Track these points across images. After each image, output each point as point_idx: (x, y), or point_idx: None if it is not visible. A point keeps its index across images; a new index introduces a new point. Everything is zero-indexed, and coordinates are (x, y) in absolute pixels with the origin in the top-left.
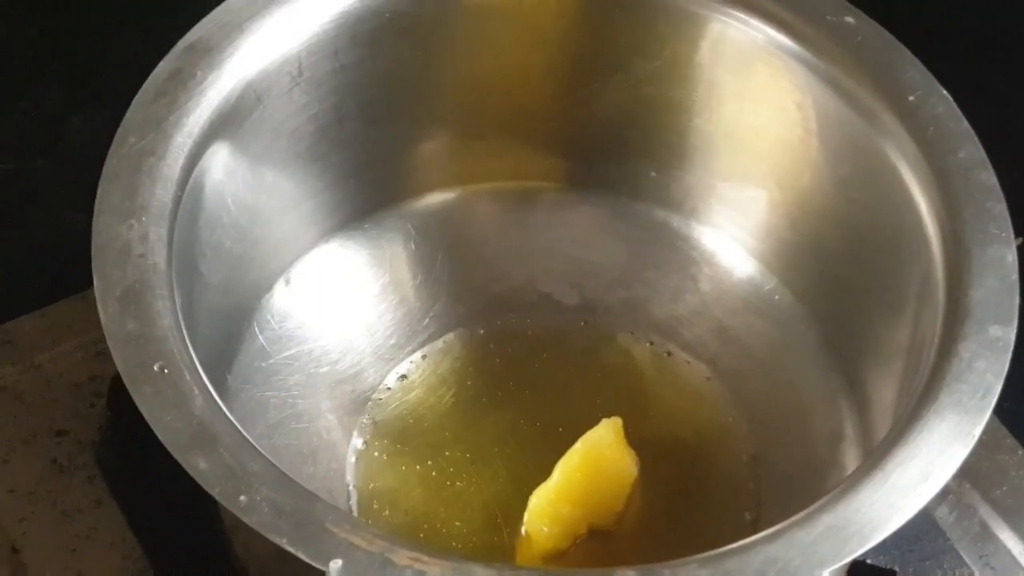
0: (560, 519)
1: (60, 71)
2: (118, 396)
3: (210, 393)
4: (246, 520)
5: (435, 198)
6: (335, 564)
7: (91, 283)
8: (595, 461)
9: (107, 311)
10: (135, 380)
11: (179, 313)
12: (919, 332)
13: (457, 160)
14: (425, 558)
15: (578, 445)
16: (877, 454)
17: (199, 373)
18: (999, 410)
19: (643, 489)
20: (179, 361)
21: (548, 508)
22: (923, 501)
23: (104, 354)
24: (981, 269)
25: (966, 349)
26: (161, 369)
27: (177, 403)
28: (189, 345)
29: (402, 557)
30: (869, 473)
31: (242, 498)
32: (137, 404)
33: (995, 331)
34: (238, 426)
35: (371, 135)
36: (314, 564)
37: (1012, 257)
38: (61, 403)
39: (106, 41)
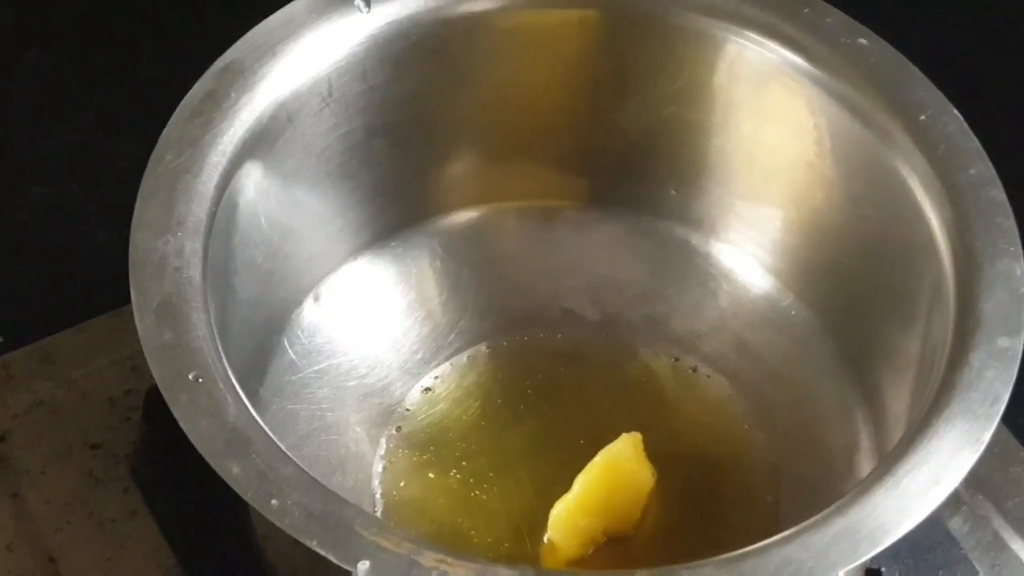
0: (579, 530)
1: (94, 97)
2: (152, 409)
3: (243, 401)
4: (277, 523)
5: (460, 216)
6: (363, 565)
7: (125, 301)
8: (614, 474)
9: (144, 322)
10: (171, 389)
11: (213, 325)
12: (930, 344)
13: (482, 179)
14: (450, 560)
15: (598, 459)
16: (889, 460)
17: (232, 382)
18: (1013, 426)
19: (664, 499)
20: (213, 371)
21: (568, 520)
22: (933, 505)
23: (138, 369)
24: (991, 282)
25: (976, 359)
26: (196, 378)
27: (211, 411)
28: (223, 355)
29: (428, 559)
30: (881, 478)
31: (274, 502)
32: (173, 412)
33: (1004, 342)
34: (270, 433)
35: (398, 155)
36: (343, 565)
37: (1021, 270)
38: (96, 417)
39: (139, 68)
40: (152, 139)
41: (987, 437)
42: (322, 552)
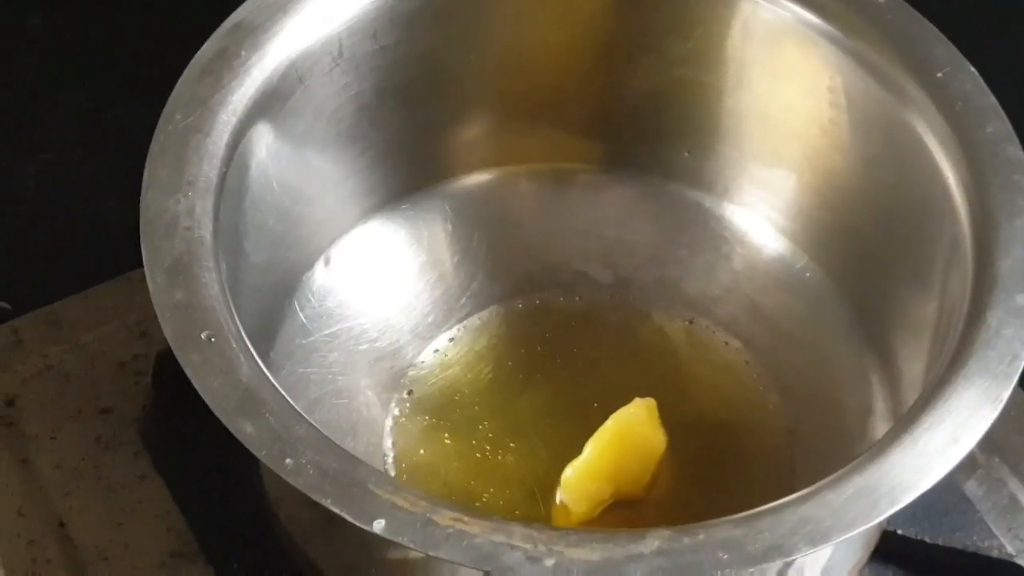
0: (589, 494)
1: (98, 63)
2: (161, 373)
3: (256, 361)
4: (292, 482)
5: (472, 179)
6: (378, 524)
7: (132, 266)
8: (624, 438)
9: (155, 281)
10: (183, 348)
11: (224, 285)
12: (947, 304)
13: (493, 142)
14: (466, 518)
15: (609, 423)
16: (907, 419)
17: (245, 342)
18: None
19: (679, 462)
20: (225, 330)
21: (578, 484)
22: (952, 464)
23: (147, 333)
24: (1008, 240)
25: (993, 317)
26: (208, 338)
27: (224, 370)
28: (235, 314)
29: (444, 517)
30: (899, 437)
31: (288, 461)
32: (185, 371)
33: (1022, 299)
34: (283, 393)
35: (409, 116)
36: (358, 524)
37: None
38: (106, 381)
39: (143, 34)
40: (158, 104)
41: (1006, 395)
42: (337, 511)
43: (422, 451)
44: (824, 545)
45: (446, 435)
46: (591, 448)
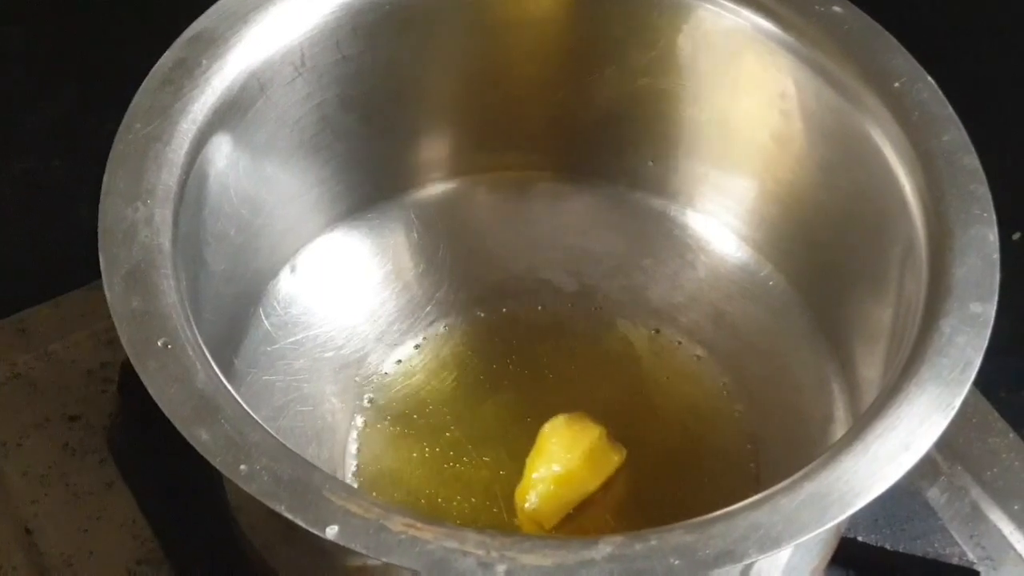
0: (545, 496)
1: (76, 74)
2: (128, 382)
3: (212, 368)
4: (246, 488)
5: (436, 188)
6: (331, 530)
7: (101, 275)
8: (551, 453)
9: (113, 289)
10: (140, 355)
11: (183, 293)
12: (903, 311)
13: (458, 151)
14: (419, 524)
15: (546, 428)
16: (859, 425)
17: (202, 349)
18: (995, 399)
19: (643, 470)
20: (182, 337)
21: (531, 488)
22: (903, 470)
23: (115, 342)
24: (963, 248)
25: (947, 325)
26: (165, 345)
27: (180, 377)
28: (192, 322)
29: (396, 524)
30: (851, 443)
31: (242, 467)
32: (142, 378)
33: (976, 307)
34: (239, 399)
35: (373, 126)
36: (311, 530)
37: (993, 236)
38: (73, 389)
39: (121, 43)
40: None
41: (958, 402)
42: (291, 517)
43: (386, 458)
44: (775, 551)
45: (410, 442)
46: (534, 456)
